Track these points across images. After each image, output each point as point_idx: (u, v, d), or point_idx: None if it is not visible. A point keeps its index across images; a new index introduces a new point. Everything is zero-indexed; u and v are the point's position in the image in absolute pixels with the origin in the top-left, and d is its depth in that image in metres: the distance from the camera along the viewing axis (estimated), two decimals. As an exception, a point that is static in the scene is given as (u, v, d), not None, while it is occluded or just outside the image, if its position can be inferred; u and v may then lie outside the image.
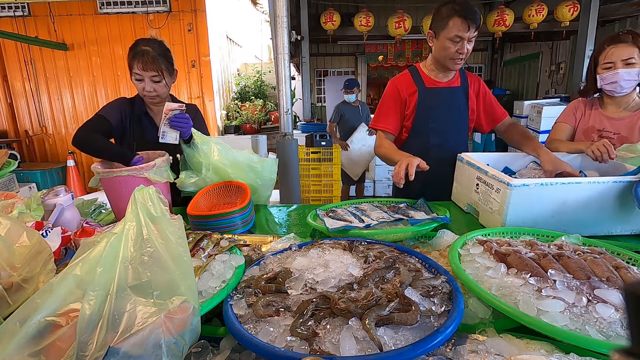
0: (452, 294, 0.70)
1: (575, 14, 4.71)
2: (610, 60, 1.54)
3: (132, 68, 1.52)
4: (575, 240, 0.96)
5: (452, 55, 1.53)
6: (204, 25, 5.66)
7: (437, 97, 1.68)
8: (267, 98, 7.48)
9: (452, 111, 1.70)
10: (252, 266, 0.90)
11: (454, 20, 1.47)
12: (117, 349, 0.52)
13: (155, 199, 0.67)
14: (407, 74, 1.72)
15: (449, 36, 1.50)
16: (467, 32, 1.48)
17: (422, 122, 1.71)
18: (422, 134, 1.72)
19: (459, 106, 1.70)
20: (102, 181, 1.37)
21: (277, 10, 2.86)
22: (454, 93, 1.69)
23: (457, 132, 1.74)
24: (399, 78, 1.73)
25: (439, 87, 1.68)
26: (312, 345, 0.59)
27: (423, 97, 1.68)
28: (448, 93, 1.69)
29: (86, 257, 0.58)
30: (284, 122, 3.06)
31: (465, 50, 1.52)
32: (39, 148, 6.21)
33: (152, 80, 1.54)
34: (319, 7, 5.71)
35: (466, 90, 1.71)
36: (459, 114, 1.71)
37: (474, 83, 1.73)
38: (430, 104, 1.68)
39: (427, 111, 1.69)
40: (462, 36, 1.49)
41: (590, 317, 0.64)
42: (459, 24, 1.46)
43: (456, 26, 1.47)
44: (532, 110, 5.05)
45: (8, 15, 5.62)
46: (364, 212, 1.28)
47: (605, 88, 1.60)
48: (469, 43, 1.52)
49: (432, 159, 1.65)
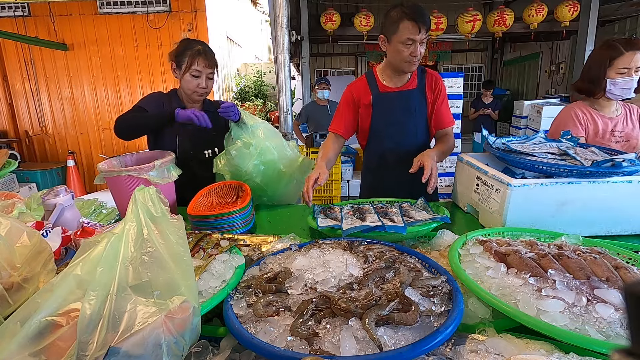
0: (452, 294, 0.70)
1: (575, 14, 4.71)
2: (628, 66, 1.51)
3: (192, 65, 1.60)
4: (575, 240, 0.96)
5: (406, 58, 1.53)
6: (204, 25, 5.66)
7: (391, 102, 1.68)
8: (267, 98, 7.48)
9: (407, 115, 1.69)
10: (252, 266, 0.90)
11: (404, 23, 1.47)
12: (117, 348, 0.52)
13: (155, 199, 0.67)
14: (364, 80, 1.73)
15: (400, 40, 1.50)
16: (418, 35, 1.47)
17: (377, 127, 1.72)
18: (378, 138, 1.74)
19: (414, 109, 1.69)
20: (106, 180, 1.37)
21: (277, 10, 2.87)
22: (408, 96, 1.68)
23: (412, 135, 1.72)
24: (355, 83, 1.75)
25: (392, 92, 1.68)
26: (312, 345, 0.59)
27: (377, 102, 1.68)
28: (401, 97, 1.68)
29: (86, 257, 0.59)
30: (284, 122, 3.07)
31: (419, 52, 1.51)
32: (39, 148, 6.20)
33: (208, 77, 1.65)
34: (319, 7, 5.71)
35: (423, 90, 1.69)
36: (414, 116, 1.70)
37: (433, 82, 1.70)
38: (384, 109, 1.69)
39: (381, 116, 1.70)
40: (413, 39, 1.48)
41: (590, 317, 0.64)
42: (410, 27, 1.46)
43: (407, 29, 1.47)
44: (532, 110, 5.05)
45: (8, 15, 5.62)
46: (363, 212, 1.27)
47: (615, 92, 1.56)
48: (421, 45, 1.52)
49: (390, 163, 1.75)
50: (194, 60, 1.60)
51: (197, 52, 1.61)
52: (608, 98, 1.63)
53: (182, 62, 1.62)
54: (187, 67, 1.61)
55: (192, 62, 1.60)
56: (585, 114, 1.68)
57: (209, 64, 1.63)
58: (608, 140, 1.65)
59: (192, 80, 1.62)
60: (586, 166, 1.16)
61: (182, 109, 1.68)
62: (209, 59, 1.63)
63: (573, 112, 1.70)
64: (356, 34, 5.39)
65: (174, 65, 1.66)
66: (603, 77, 1.58)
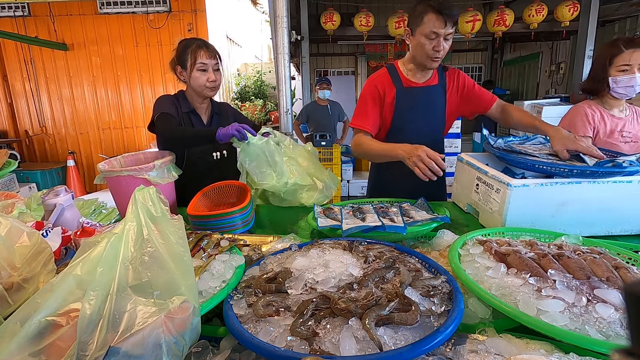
0: (452, 294, 0.70)
1: (575, 14, 4.70)
2: (628, 63, 1.51)
3: (196, 59, 1.59)
4: (575, 240, 0.96)
5: (429, 53, 1.49)
6: (204, 25, 5.66)
7: (415, 98, 1.65)
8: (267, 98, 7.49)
9: (429, 111, 1.67)
10: (252, 266, 0.90)
11: (429, 16, 1.43)
12: (117, 348, 0.52)
13: (155, 199, 0.67)
14: (386, 73, 1.68)
15: (424, 32, 1.46)
16: (443, 29, 1.44)
17: (399, 123, 1.68)
18: (399, 134, 1.68)
19: (435, 106, 1.67)
20: (106, 180, 1.38)
21: (277, 10, 2.87)
22: (431, 92, 1.65)
23: (433, 132, 1.71)
24: (377, 77, 1.68)
25: (416, 87, 1.65)
26: (312, 345, 0.59)
27: (400, 97, 1.64)
28: (425, 93, 1.65)
29: (86, 257, 0.58)
30: (284, 122, 3.06)
31: (442, 47, 1.47)
32: (39, 148, 6.20)
33: (214, 69, 1.64)
34: (319, 7, 5.71)
35: (444, 87, 1.67)
36: (435, 113, 1.68)
37: (453, 78, 1.68)
38: (407, 104, 1.65)
39: (404, 112, 1.66)
40: (437, 32, 1.44)
41: (590, 317, 0.64)
42: (434, 19, 1.43)
43: (431, 22, 1.43)
44: (532, 110, 5.03)
45: (8, 15, 5.62)
46: (363, 212, 1.27)
47: (618, 91, 1.57)
48: (446, 41, 1.48)
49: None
50: (197, 54, 1.60)
51: (198, 46, 1.61)
52: (614, 97, 1.63)
53: (186, 61, 1.61)
54: (192, 63, 1.60)
55: (195, 57, 1.60)
56: (596, 113, 1.68)
57: (212, 55, 1.63)
58: (617, 140, 1.65)
59: (200, 76, 1.61)
60: (586, 166, 1.17)
61: (190, 110, 1.70)
62: (210, 50, 1.63)
63: (583, 110, 1.70)
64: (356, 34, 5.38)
65: (179, 68, 1.65)
66: (605, 75, 1.59)
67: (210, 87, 1.65)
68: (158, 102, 1.65)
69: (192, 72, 1.61)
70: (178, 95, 1.72)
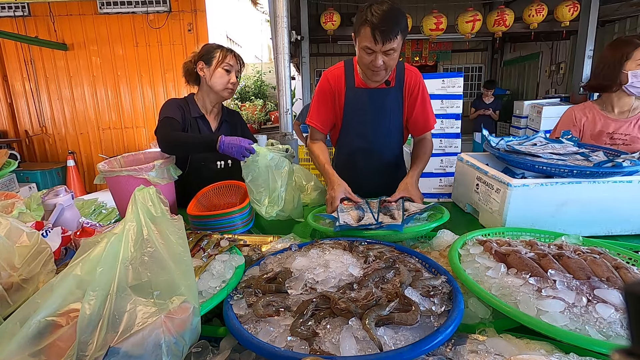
0: (452, 294, 0.70)
1: (575, 14, 4.71)
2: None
3: (225, 59, 1.62)
4: (575, 240, 0.96)
5: (368, 66, 1.35)
6: (204, 25, 5.66)
7: (365, 100, 1.52)
8: (267, 98, 7.49)
9: (381, 114, 1.54)
10: (252, 266, 0.90)
11: (365, 29, 1.26)
12: (117, 348, 0.52)
13: (155, 199, 0.67)
14: (341, 68, 1.54)
15: (361, 45, 1.32)
16: (377, 45, 1.26)
17: (349, 124, 1.58)
18: (350, 136, 1.61)
19: (390, 109, 1.53)
20: (106, 180, 1.37)
21: (277, 10, 2.87)
22: (385, 95, 1.51)
23: (386, 135, 1.59)
24: (332, 71, 1.56)
25: (367, 89, 1.51)
26: (312, 345, 0.59)
27: (350, 97, 1.52)
28: (378, 95, 1.51)
29: (86, 257, 0.58)
30: (284, 122, 3.07)
31: (380, 63, 1.31)
32: (39, 148, 6.20)
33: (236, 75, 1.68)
34: (319, 7, 5.71)
35: (401, 89, 1.52)
36: (389, 117, 1.55)
37: (412, 80, 1.51)
38: (356, 106, 1.53)
39: (354, 113, 1.55)
40: (372, 49, 1.28)
41: (590, 317, 0.64)
42: (369, 35, 1.25)
43: (366, 37, 1.27)
44: (532, 110, 5.05)
45: (8, 15, 5.62)
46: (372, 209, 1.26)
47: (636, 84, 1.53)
48: (387, 55, 1.31)
49: (359, 162, 1.62)
50: (226, 55, 1.63)
51: (228, 50, 1.66)
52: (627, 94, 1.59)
53: (213, 58, 1.61)
54: (220, 61, 1.61)
55: (224, 57, 1.62)
56: (584, 116, 1.68)
57: (239, 61, 1.68)
58: (603, 143, 1.63)
59: (224, 75, 1.62)
60: (586, 166, 1.17)
61: (199, 116, 1.69)
62: (238, 57, 1.68)
63: (571, 113, 1.73)
64: (356, 34, 5.39)
65: (202, 64, 1.63)
66: (619, 72, 1.55)
67: (230, 89, 1.67)
68: (164, 106, 1.65)
69: (217, 69, 1.62)
70: (187, 99, 1.71)
